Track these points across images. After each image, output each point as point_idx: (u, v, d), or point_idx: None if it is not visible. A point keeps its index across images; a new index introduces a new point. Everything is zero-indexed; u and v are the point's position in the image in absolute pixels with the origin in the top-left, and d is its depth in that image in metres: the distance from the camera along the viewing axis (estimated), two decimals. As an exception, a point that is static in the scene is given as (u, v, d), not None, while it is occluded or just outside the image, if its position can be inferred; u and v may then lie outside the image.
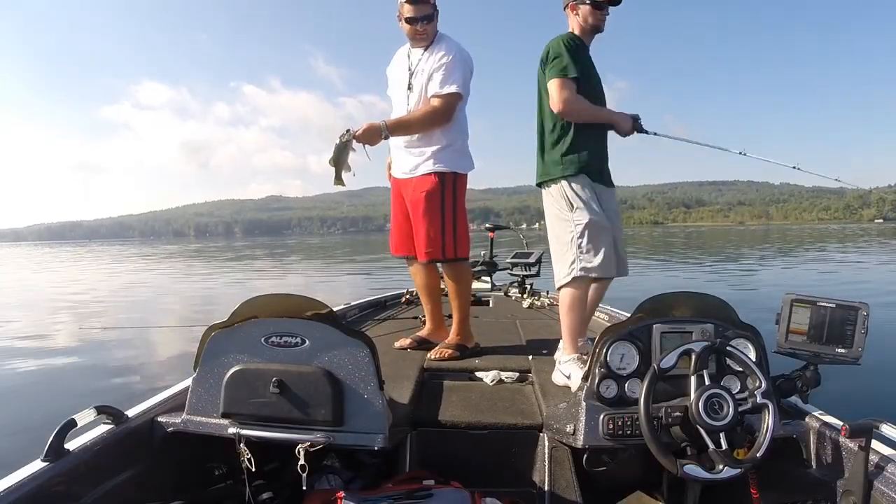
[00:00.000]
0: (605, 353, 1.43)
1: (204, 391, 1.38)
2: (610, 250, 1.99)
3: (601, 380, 1.42)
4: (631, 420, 1.36)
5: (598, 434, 1.37)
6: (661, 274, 12.83)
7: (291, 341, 1.34)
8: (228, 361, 1.35)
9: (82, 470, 1.23)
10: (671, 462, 1.20)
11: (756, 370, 1.28)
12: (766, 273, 12.42)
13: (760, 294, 8.83)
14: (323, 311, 1.42)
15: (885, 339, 4.56)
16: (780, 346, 1.49)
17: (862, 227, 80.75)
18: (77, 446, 1.26)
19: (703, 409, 1.22)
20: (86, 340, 6.35)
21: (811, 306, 1.46)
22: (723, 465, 1.18)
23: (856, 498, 1.21)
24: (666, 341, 1.43)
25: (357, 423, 1.30)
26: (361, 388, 1.31)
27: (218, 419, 1.35)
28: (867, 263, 14.86)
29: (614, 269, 2.04)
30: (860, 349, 1.41)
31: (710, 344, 1.30)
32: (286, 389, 1.29)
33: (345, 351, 1.33)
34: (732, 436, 1.23)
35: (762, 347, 1.45)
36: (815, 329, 1.45)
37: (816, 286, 8.99)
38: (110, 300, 11.07)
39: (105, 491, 1.27)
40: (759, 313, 1.85)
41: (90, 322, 8.00)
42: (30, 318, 8.55)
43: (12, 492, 1.07)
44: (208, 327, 1.41)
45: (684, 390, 1.29)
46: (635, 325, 1.47)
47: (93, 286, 14.19)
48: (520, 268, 4.32)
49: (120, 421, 1.38)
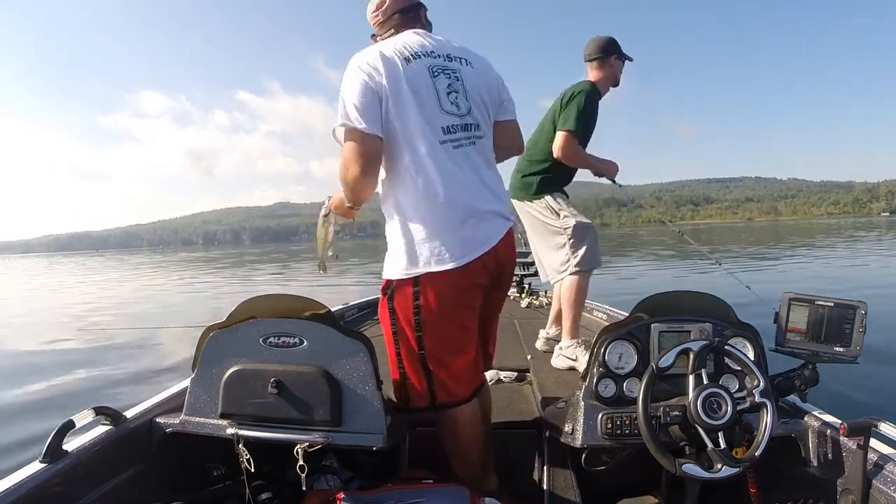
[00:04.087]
0: (603, 352, 1.43)
1: (202, 392, 1.38)
2: (597, 245, 2.32)
3: (599, 379, 1.42)
4: (629, 419, 1.36)
5: (596, 433, 1.38)
6: (661, 273, 12.84)
7: (290, 342, 1.34)
8: (227, 362, 1.35)
9: (81, 471, 1.23)
10: (670, 461, 1.20)
11: (754, 369, 1.28)
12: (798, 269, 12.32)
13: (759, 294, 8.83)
14: (321, 312, 1.42)
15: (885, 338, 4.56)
16: (778, 345, 1.49)
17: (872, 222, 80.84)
18: (75, 447, 1.26)
19: (701, 409, 1.22)
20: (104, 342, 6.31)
21: (809, 305, 1.46)
22: (721, 465, 1.18)
23: (854, 496, 1.22)
24: (664, 340, 1.43)
25: (356, 424, 1.30)
26: (360, 388, 1.31)
27: (216, 420, 1.35)
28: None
29: (601, 259, 2.36)
30: (858, 348, 1.41)
31: (708, 343, 1.30)
32: (285, 390, 1.29)
33: (343, 351, 1.33)
34: (731, 435, 1.23)
35: (760, 346, 1.46)
36: (814, 328, 1.45)
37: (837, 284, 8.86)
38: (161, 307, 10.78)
39: (104, 492, 1.27)
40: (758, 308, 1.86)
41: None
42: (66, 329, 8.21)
43: (11, 492, 1.07)
44: (206, 328, 1.41)
45: (683, 389, 1.29)
46: (634, 324, 1.47)
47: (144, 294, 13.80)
48: (518, 267, 4.33)
49: (118, 422, 1.38)
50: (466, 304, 1.34)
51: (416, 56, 1.33)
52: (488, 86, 1.42)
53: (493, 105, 1.44)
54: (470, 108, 1.36)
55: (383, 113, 1.28)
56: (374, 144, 1.28)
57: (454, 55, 1.39)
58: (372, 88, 1.27)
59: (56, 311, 10.47)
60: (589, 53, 2.42)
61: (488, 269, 1.35)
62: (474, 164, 1.35)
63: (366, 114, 1.26)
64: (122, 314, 9.51)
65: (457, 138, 1.33)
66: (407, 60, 1.31)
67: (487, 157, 1.41)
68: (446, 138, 1.31)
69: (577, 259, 2.28)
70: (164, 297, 12.33)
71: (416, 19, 1.45)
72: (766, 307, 1.57)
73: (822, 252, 17.87)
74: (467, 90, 1.36)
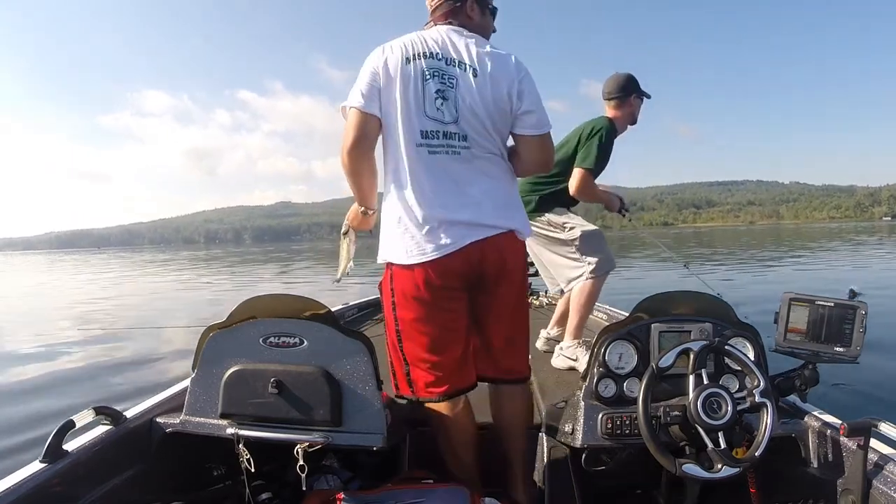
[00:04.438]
0: (603, 352, 1.43)
1: (202, 392, 1.38)
2: (607, 248, 2.36)
3: (599, 379, 1.42)
4: (629, 419, 1.36)
5: (596, 433, 1.38)
6: (662, 274, 12.83)
7: (290, 341, 1.34)
8: (227, 362, 1.35)
9: (81, 471, 1.23)
10: (670, 461, 1.20)
11: (754, 369, 1.28)
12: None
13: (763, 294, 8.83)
14: (321, 312, 1.42)
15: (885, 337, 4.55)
16: (778, 345, 1.49)
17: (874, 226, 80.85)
18: (76, 447, 1.26)
19: (701, 409, 1.22)
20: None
21: (809, 305, 1.46)
22: (721, 465, 1.18)
23: (854, 496, 1.22)
24: (664, 340, 1.43)
25: (356, 424, 1.30)
26: (360, 388, 1.31)
27: (217, 419, 1.35)
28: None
29: (614, 261, 2.40)
30: (858, 348, 1.41)
31: (708, 343, 1.30)
32: (285, 390, 1.29)
33: (343, 351, 1.33)
34: (731, 435, 1.23)
35: (761, 346, 1.46)
36: (814, 328, 1.45)
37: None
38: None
39: (104, 492, 1.27)
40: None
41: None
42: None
43: (11, 492, 1.07)
44: (206, 328, 1.41)
45: (683, 389, 1.29)
46: (634, 324, 1.47)
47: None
48: None
49: (118, 421, 1.38)
50: (434, 303, 1.36)
51: (418, 56, 1.35)
52: (494, 99, 1.36)
53: (499, 118, 1.38)
54: (457, 117, 1.34)
55: (380, 104, 1.35)
56: (366, 121, 1.34)
57: (460, 61, 1.37)
58: (376, 75, 1.35)
59: (56, 310, 10.47)
60: (609, 92, 2.41)
61: (455, 272, 1.35)
62: (451, 172, 1.35)
63: (364, 95, 1.34)
64: (123, 314, 9.51)
65: (434, 144, 1.34)
66: (407, 60, 1.35)
67: (478, 169, 1.38)
68: (423, 142, 1.34)
69: (591, 266, 2.32)
70: (165, 297, 12.31)
71: (455, 13, 1.44)
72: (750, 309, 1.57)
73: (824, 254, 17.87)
74: (459, 100, 1.35)
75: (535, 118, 1.41)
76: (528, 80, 1.40)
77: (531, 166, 1.51)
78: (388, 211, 1.39)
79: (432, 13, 1.47)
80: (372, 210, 1.50)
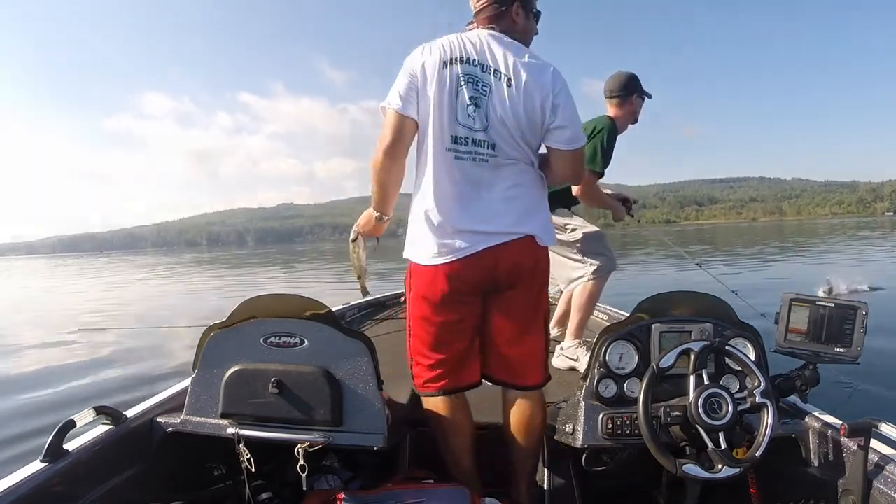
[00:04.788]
0: (603, 352, 1.43)
1: (203, 391, 1.38)
2: (609, 249, 2.37)
3: (600, 379, 1.42)
4: (630, 420, 1.36)
5: (597, 434, 1.37)
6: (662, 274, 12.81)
7: (290, 341, 1.34)
8: (227, 362, 1.35)
9: (81, 470, 1.24)
10: (670, 461, 1.20)
11: (755, 369, 1.28)
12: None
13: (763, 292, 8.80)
14: (322, 312, 1.42)
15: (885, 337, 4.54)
16: (779, 346, 1.49)
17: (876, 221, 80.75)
18: (76, 447, 1.26)
19: (702, 409, 1.22)
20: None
21: (810, 305, 1.46)
22: (722, 465, 1.18)
23: (855, 497, 1.21)
24: (665, 341, 1.43)
25: (356, 423, 1.30)
26: (360, 388, 1.32)
27: (217, 419, 1.35)
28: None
29: (616, 262, 2.41)
30: (859, 348, 1.41)
31: (709, 343, 1.30)
32: (285, 390, 1.29)
33: (344, 351, 1.33)
34: (731, 435, 1.23)
35: (761, 347, 1.45)
36: (814, 328, 1.45)
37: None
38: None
39: (104, 491, 1.27)
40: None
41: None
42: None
43: (11, 492, 1.07)
44: (207, 328, 1.41)
45: (683, 390, 1.29)
46: (634, 324, 1.46)
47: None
48: None
49: (119, 421, 1.38)
50: (442, 304, 1.38)
51: (455, 61, 1.35)
52: (526, 111, 1.34)
53: (529, 130, 1.36)
54: (486, 126, 1.34)
55: (418, 106, 1.36)
56: (402, 123, 1.35)
57: (496, 69, 1.35)
58: (414, 77, 1.36)
59: (57, 311, 10.49)
60: (610, 90, 2.40)
61: (468, 276, 1.36)
62: (474, 178, 1.36)
63: (402, 97, 1.35)
64: (123, 313, 9.52)
65: (461, 151, 1.35)
66: (445, 64, 1.35)
67: (502, 177, 1.37)
68: (452, 147, 1.35)
69: (593, 268, 2.33)
70: (165, 297, 12.33)
71: (500, 18, 1.42)
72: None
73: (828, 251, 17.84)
74: (490, 108, 1.34)
75: (569, 133, 1.39)
76: (564, 93, 1.37)
77: (561, 178, 1.53)
78: (415, 211, 1.42)
79: (476, 14, 1.45)
80: (388, 217, 1.51)
